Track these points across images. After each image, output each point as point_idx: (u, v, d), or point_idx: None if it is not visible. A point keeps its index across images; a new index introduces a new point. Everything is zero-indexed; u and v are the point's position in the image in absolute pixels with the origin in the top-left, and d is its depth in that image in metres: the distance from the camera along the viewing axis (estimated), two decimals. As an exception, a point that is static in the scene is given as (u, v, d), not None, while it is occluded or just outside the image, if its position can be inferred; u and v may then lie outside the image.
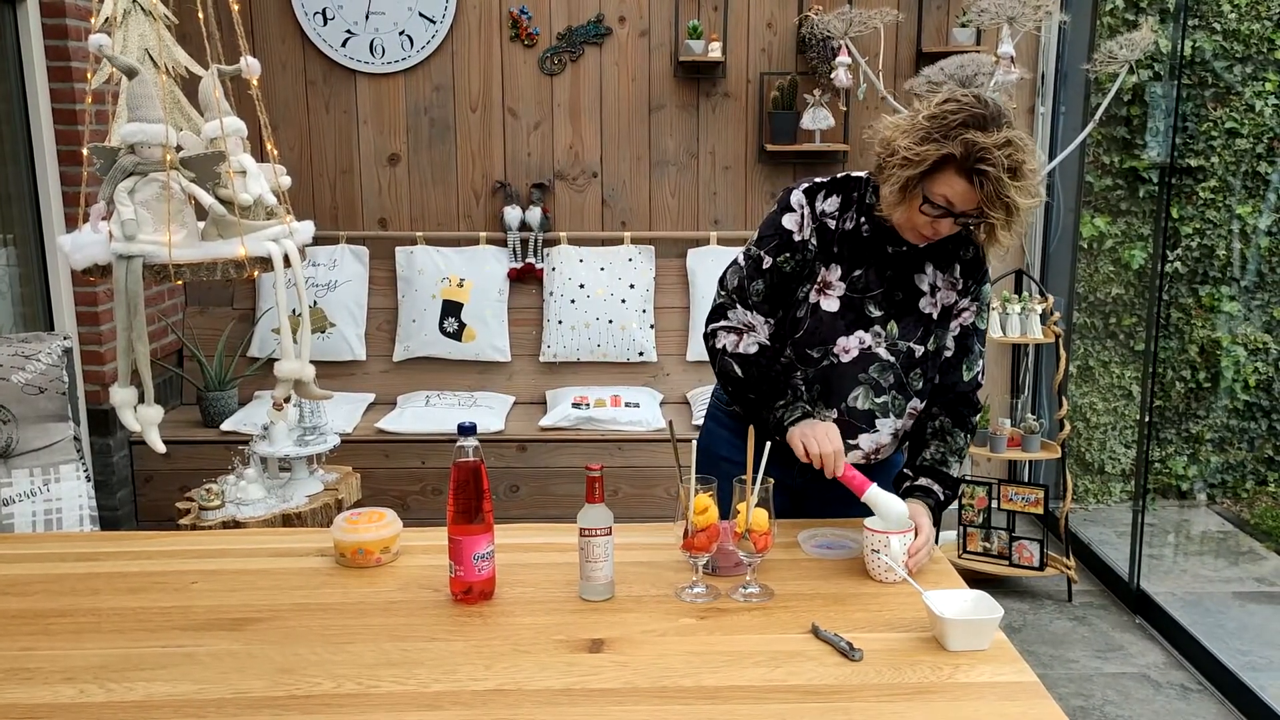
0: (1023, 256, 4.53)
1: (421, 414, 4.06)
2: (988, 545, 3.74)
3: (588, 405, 4.05)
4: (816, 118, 4.22)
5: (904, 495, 1.90)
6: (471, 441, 1.70)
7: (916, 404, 2.00)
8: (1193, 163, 4.35)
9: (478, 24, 4.37)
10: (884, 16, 3.83)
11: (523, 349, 4.45)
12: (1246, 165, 4.33)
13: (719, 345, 2.01)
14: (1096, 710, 3.02)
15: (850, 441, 1.96)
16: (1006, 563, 3.72)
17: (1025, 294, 3.78)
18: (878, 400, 1.96)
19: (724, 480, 1.76)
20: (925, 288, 1.96)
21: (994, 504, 3.73)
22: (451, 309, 4.34)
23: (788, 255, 1.95)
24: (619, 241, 4.47)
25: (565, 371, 4.41)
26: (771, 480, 1.74)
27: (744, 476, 1.74)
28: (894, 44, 4.32)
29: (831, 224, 1.95)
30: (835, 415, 1.96)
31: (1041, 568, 3.70)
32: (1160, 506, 4.60)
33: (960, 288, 1.98)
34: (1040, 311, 3.72)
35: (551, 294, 4.38)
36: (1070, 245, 4.44)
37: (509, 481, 3.97)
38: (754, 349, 1.98)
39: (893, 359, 1.95)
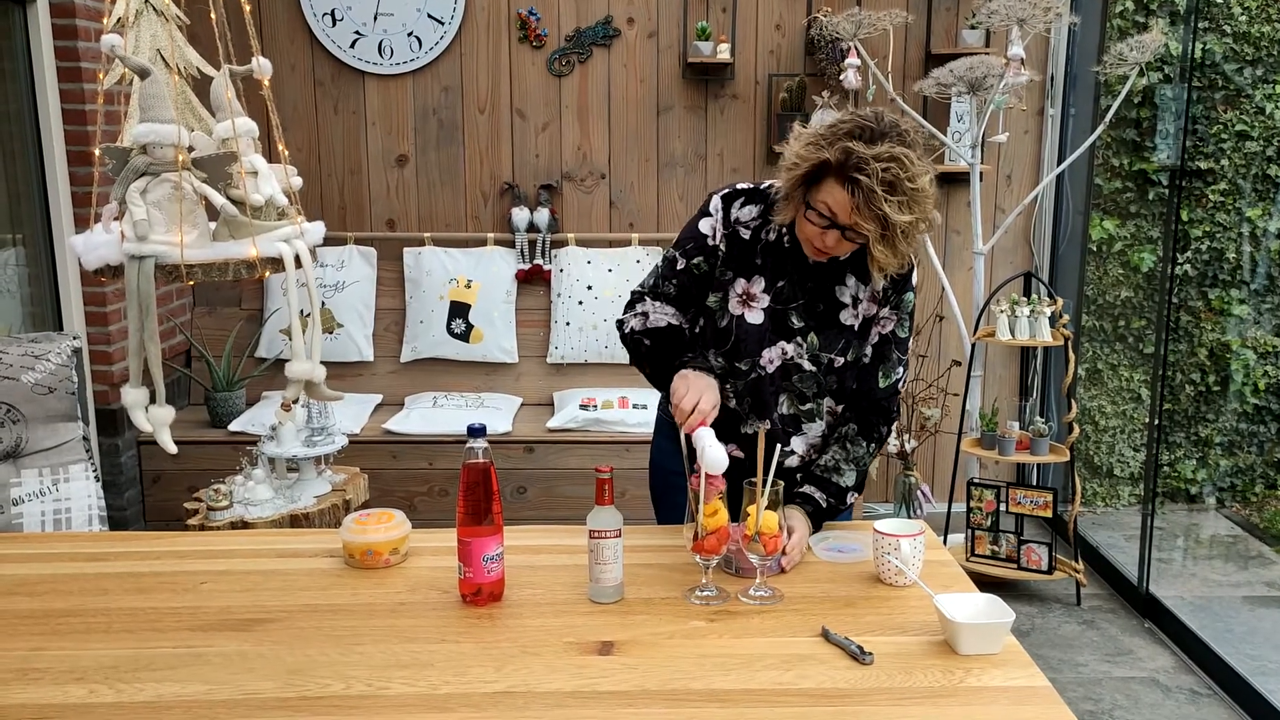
0: (1032, 259, 4.52)
1: (429, 415, 4.06)
2: (996, 548, 3.73)
3: (595, 407, 4.05)
4: (825, 120, 4.21)
5: (785, 500, 1.90)
6: (481, 443, 1.70)
7: (831, 403, 2.04)
8: (1203, 165, 4.33)
9: (486, 25, 4.37)
10: (893, 18, 3.83)
11: (530, 350, 4.45)
12: (1257, 168, 4.31)
13: (627, 329, 2.05)
14: (1105, 714, 3.01)
15: (786, 449, 1.99)
16: (1014, 566, 3.71)
17: (1034, 296, 3.76)
18: (803, 408, 2.00)
19: (673, 492, 1.74)
20: (847, 299, 1.97)
21: (1002, 507, 3.72)
22: (459, 310, 4.34)
23: (701, 259, 1.99)
24: (627, 243, 4.46)
25: (573, 373, 4.41)
26: (781, 483, 1.74)
27: (754, 479, 1.74)
28: (903, 46, 4.32)
29: (746, 233, 1.96)
30: (769, 425, 1.98)
31: (1050, 571, 3.69)
32: (1169, 510, 4.58)
33: (881, 298, 1.98)
34: (1049, 314, 3.71)
35: (559, 295, 4.38)
36: (1079, 248, 4.43)
37: (516, 483, 3.97)
38: (664, 324, 2.02)
39: (814, 369, 1.97)
